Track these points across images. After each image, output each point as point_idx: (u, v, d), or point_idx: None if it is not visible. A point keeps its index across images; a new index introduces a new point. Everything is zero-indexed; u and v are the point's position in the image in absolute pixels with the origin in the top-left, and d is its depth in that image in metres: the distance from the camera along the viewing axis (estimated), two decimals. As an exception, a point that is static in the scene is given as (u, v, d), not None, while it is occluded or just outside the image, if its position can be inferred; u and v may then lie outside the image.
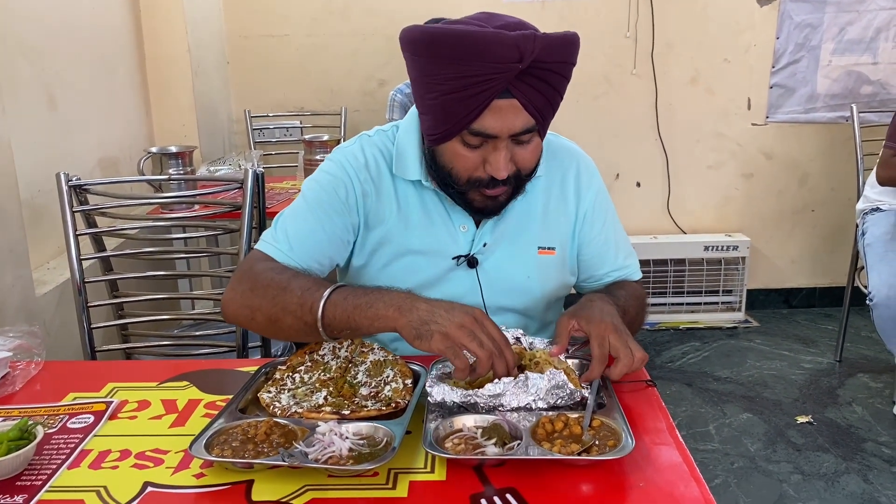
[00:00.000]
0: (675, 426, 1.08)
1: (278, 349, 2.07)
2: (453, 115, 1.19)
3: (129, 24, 2.98)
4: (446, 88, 1.17)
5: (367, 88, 3.74)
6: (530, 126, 1.21)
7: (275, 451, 0.98)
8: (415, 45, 1.20)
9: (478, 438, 1.00)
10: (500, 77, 1.14)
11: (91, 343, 1.83)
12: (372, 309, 1.11)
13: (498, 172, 1.22)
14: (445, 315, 1.06)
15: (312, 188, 1.36)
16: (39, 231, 2.21)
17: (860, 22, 3.61)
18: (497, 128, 1.19)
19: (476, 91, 1.15)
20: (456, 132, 1.21)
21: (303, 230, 1.31)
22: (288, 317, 1.17)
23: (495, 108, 1.17)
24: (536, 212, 1.40)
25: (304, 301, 1.16)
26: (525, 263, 1.39)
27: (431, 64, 1.18)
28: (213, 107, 3.49)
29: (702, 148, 3.82)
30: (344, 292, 1.15)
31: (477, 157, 1.23)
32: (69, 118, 2.46)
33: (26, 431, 1.02)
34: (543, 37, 1.15)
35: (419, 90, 1.24)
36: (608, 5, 3.63)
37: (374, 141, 1.40)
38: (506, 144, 1.21)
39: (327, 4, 3.66)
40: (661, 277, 3.75)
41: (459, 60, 1.14)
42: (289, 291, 1.18)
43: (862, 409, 2.87)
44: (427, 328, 1.06)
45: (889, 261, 2.65)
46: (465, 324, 1.05)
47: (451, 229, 1.36)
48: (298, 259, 1.29)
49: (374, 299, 1.12)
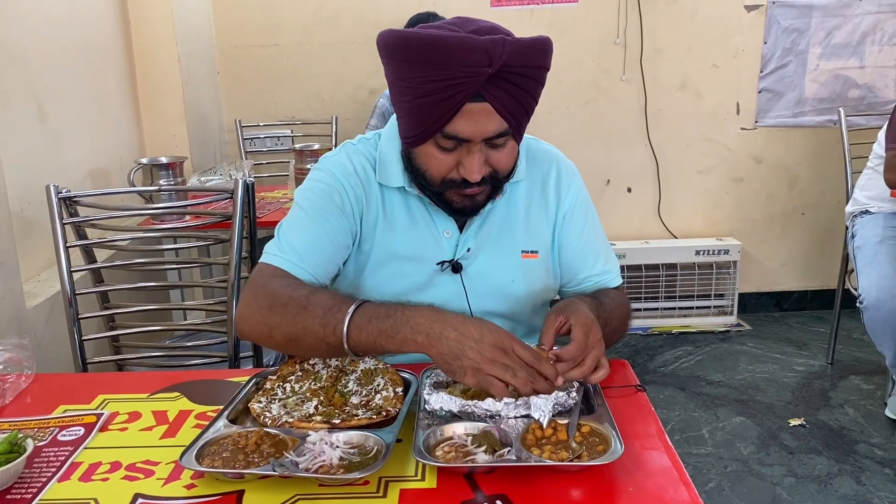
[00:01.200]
0: (664, 430, 1.08)
1: (270, 359, 2.07)
2: (427, 118, 1.20)
3: (118, 35, 2.98)
4: (420, 92, 1.18)
5: (357, 97, 3.75)
6: (503, 130, 1.22)
7: (265, 460, 0.98)
8: (389, 48, 1.21)
9: (468, 446, 1.00)
10: (471, 81, 1.15)
11: (82, 355, 1.82)
12: (399, 335, 1.09)
13: (471, 175, 1.23)
14: (475, 347, 1.04)
15: (307, 197, 1.36)
16: (30, 243, 2.21)
17: (846, 26, 3.64)
18: (469, 132, 1.20)
19: (448, 95, 1.16)
20: (430, 135, 1.22)
21: (307, 239, 1.31)
22: (309, 337, 1.15)
23: (467, 112, 1.18)
24: (518, 216, 1.41)
25: (327, 322, 1.13)
26: (509, 267, 1.40)
27: (405, 67, 1.20)
28: (204, 117, 3.49)
29: (692, 153, 3.84)
30: (367, 313, 1.12)
31: (451, 159, 1.24)
32: (59, 130, 2.45)
33: (16, 445, 1.02)
34: (514, 41, 1.16)
35: (395, 93, 1.25)
36: (597, 12, 3.65)
37: (358, 149, 1.41)
38: (479, 148, 1.22)
39: (317, 14, 3.67)
40: (653, 282, 3.76)
41: (430, 64, 1.15)
42: (309, 311, 1.16)
43: (854, 411, 2.88)
44: (459, 364, 1.05)
45: (879, 263, 2.66)
46: (495, 358, 1.04)
47: (436, 235, 1.37)
48: (310, 269, 1.28)
49: (399, 324, 1.09)
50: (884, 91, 3.72)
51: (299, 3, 3.65)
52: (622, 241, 3.72)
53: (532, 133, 1.50)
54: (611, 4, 3.64)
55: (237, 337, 1.84)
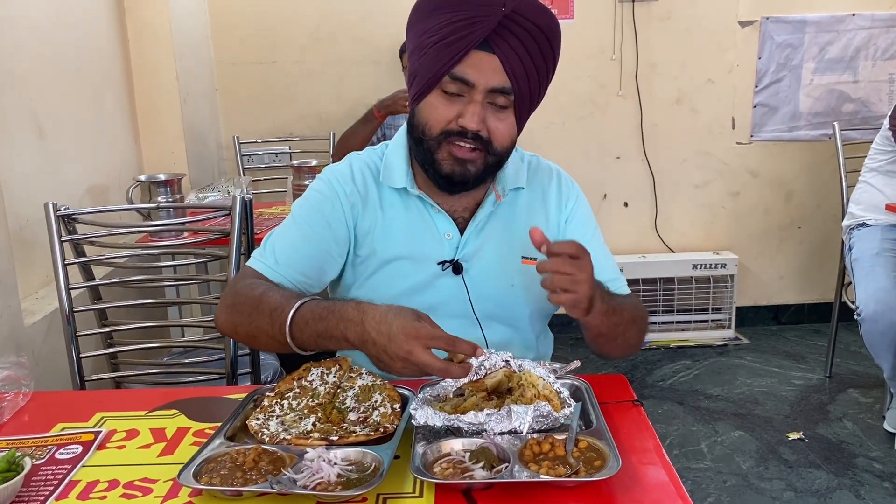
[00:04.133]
0: (662, 445, 1.09)
1: (268, 375, 2.07)
2: (437, 62, 1.25)
3: (117, 53, 2.99)
4: (435, 38, 1.24)
5: (355, 114, 3.73)
6: (507, 87, 1.26)
7: (263, 478, 0.98)
8: (416, 6, 1.30)
9: (465, 462, 1.00)
10: (484, 21, 1.22)
11: (80, 372, 1.82)
12: (335, 339, 1.14)
13: (469, 122, 1.26)
14: (387, 357, 1.08)
15: (301, 206, 1.42)
16: (28, 261, 2.21)
17: (840, 42, 3.67)
18: (475, 76, 1.25)
19: (461, 35, 1.22)
20: (438, 79, 1.26)
21: (288, 245, 1.36)
22: (263, 335, 1.23)
23: (476, 59, 1.24)
24: (519, 221, 1.43)
25: (273, 322, 1.20)
26: (509, 271, 1.41)
27: (427, 16, 1.27)
28: (202, 134, 3.50)
29: (688, 167, 3.86)
30: (305, 315, 1.17)
31: (452, 110, 1.28)
32: (57, 147, 2.46)
33: (14, 463, 1.02)
34: None
35: (413, 58, 1.31)
36: (592, 28, 3.68)
37: (362, 157, 1.47)
38: (481, 100, 1.26)
39: (315, 32, 3.69)
40: (651, 296, 3.77)
41: (450, 5, 1.24)
42: (260, 310, 1.23)
43: (853, 425, 2.88)
44: (380, 366, 1.10)
45: (876, 275, 2.67)
46: (404, 367, 1.07)
47: (437, 236, 1.40)
48: (284, 272, 1.33)
49: (332, 326, 1.14)
50: (877, 105, 3.75)
51: (297, 21, 3.68)
52: (619, 256, 3.73)
53: (529, 149, 1.52)
54: (606, 20, 3.68)
55: (235, 354, 1.84)
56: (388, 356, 1.07)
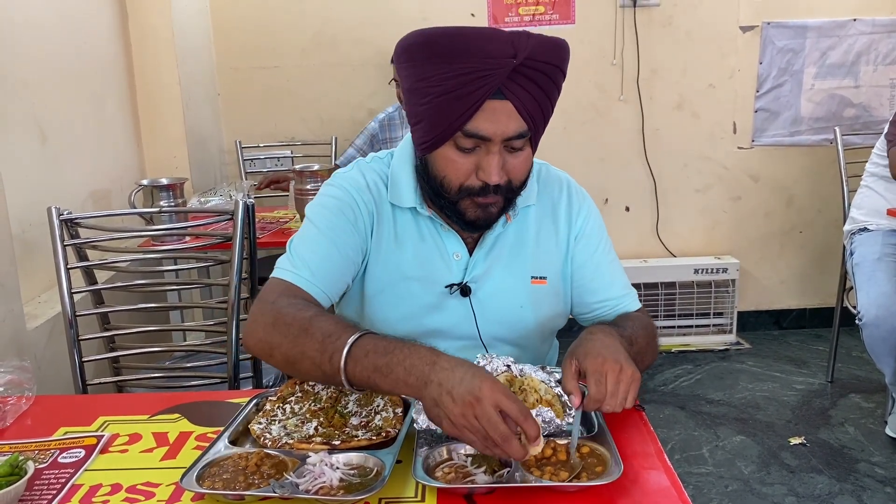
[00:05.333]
0: (663, 450, 1.09)
1: (269, 380, 2.07)
2: (447, 116, 1.19)
3: (119, 57, 3.00)
4: (441, 90, 1.17)
5: (357, 118, 3.77)
6: (523, 131, 1.21)
7: (266, 482, 0.98)
8: (411, 48, 1.22)
9: (468, 467, 1.01)
10: (495, 73, 1.15)
11: (82, 376, 1.82)
12: (392, 375, 1.03)
13: (491, 177, 1.21)
14: (449, 400, 0.96)
15: (320, 213, 1.34)
16: (30, 265, 2.21)
17: (841, 47, 3.68)
18: (491, 130, 1.19)
19: (471, 89, 1.16)
20: (450, 134, 1.20)
21: (319, 255, 1.29)
22: (307, 361, 1.11)
23: (489, 110, 1.18)
24: (528, 241, 1.40)
25: (325, 349, 1.08)
26: (518, 292, 1.38)
27: (427, 65, 1.19)
28: (204, 138, 3.51)
29: (689, 172, 3.86)
30: (366, 346, 1.06)
31: (469, 163, 1.23)
32: (60, 152, 2.47)
33: (17, 467, 1.02)
34: (537, 35, 1.17)
35: (412, 100, 1.24)
36: (594, 33, 3.68)
37: (372, 167, 1.40)
38: (499, 149, 1.21)
39: (316, 36, 3.70)
40: (652, 301, 3.77)
41: (455, 57, 1.16)
42: (310, 334, 1.11)
43: (854, 430, 2.88)
44: (437, 412, 0.99)
45: (877, 280, 2.67)
46: (465, 413, 0.95)
47: (445, 257, 1.36)
48: (321, 285, 1.26)
49: (395, 363, 1.03)
50: (878, 110, 3.75)
51: (298, 26, 3.69)
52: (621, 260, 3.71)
53: (530, 153, 1.51)
54: (607, 25, 3.68)
55: (237, 358, 1.84)
56: (450, 398, 0.96)
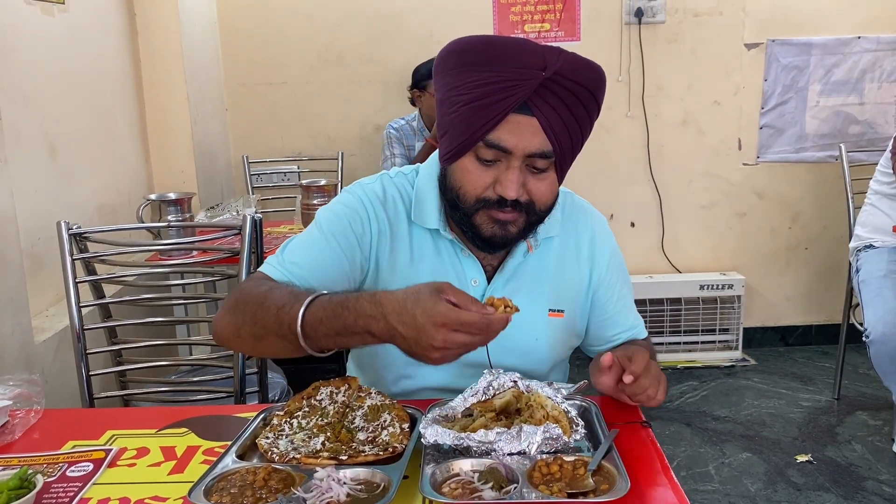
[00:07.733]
0: (670, 467, 1.09)
1: (275, 394, 2.07)
2: (472, 125, 1.18)
3: (128, 73, 3.03)
4: (469, 98, 1.17)
5: (363, 134, 3.80)
6: (547, 150, 1.19)
7: (273, 496, 0.98)
8: (447, 56, 1.22)
9: (474, 482, 1.01)
10: (523, 84, 1.14)
11: (89, 390, 1.83)
12: (356, 338, 1.07)
13: (507, 190, 1.19)
14: (418, 348, 1.01)
15: (328, 217, 1.33)
16: (39, 278, 2.23)
17: (846, 64, 3.69)
18: (512, 142, 1.17)
19: (497, 98, 1.15)
20: (472, 143, 1.19)
21: (305, 252, 1.29)
22: (271, 337, 1.14)
23: (513, 122, 1.17)
24: (549, 273, 1.37)
25: (282, 320, 1.11)
26: (534, 325, 1.36)
27: (460, 73, 1.19)
28: (212, 153, 3.53)
29: (694, 188, 3.87)
30: (318, 314, 1.08)
31: (488, 176, 1.21)
32: (69, 166, 2.49)
33: (26, 480, 1.02)
34: (569, 53, 1.16)
35: (443, 111, 1.24)
36: (599, 49, 3.70)
37: (394, 182, 1.38)
38: (519, 165, 1.19)
39: (324, 53, 3.74)
40: (658, 317, 3.76)
41: (487, 64, 1.15)
42: (266, 307, 1.14)
43: (861, 447, 2.86)
44: (421, 356, 1.03)
45: (884, 297, 2.67)
46: (446, 339, 1.00)
47: (463, 282, 1.33)
48: (292, 271, 1.26)
49: (350, 324, 1.06)
50: (884, 127, 3.76)
51: (306, 43, 3.72)
52: (626, 276, 3.72)
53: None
54: (613, 42, 3.71)
55: (243, 372, 1.85)
56: (421, 348, 1.01)
